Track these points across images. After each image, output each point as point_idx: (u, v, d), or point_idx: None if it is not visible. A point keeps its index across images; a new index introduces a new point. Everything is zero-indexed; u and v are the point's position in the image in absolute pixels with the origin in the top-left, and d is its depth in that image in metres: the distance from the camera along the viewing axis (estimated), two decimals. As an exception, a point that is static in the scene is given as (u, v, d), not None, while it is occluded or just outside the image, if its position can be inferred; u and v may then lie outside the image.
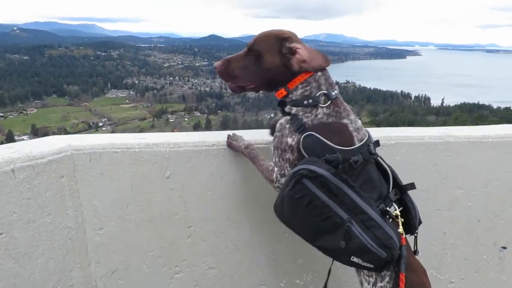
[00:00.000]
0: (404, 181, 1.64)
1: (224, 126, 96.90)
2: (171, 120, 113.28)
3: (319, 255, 1.62)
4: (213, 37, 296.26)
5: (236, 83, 1.71)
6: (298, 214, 1.51)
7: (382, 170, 1.64)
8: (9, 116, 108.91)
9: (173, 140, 1.98)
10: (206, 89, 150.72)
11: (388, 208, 1.52)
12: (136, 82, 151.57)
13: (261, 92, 1.81)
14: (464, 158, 2.24)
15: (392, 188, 1.62)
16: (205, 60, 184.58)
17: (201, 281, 2.13)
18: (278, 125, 1.64)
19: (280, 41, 1.61)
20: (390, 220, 1.51)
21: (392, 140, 2.17)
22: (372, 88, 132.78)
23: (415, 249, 1.63)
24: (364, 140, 1.57)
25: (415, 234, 1.62)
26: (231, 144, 1.96)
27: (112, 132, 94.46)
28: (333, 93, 1.58)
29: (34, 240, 1.73)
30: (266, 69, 1.64)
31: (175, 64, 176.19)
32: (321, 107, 1.56)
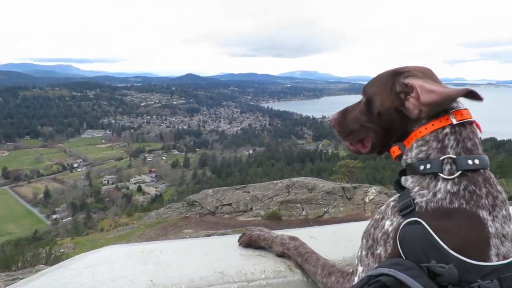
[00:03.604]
0: None
1: (202, 164, 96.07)
2: (148, 159, 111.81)
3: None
4: (190, 76, 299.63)
5: (351, 140, 1.26)
6: None
7: None
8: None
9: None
10: (184, 127, 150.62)
11: None
12: (113, 121, 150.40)
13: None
14: None
15: None
16: (183, 98, 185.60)
17: None
18: (385, 205, 1.12)
19: (393, 77, 1.11)
20: None
21: None
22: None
23: None
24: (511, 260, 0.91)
25: None
26: (260, 237, 1.42)
27: (88, 172, 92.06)
28: (469, 162, 0.99)
29: None
30: (375, 116, 1.15)
31: (152, 103, 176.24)
32: (444, 179, 0.99)
